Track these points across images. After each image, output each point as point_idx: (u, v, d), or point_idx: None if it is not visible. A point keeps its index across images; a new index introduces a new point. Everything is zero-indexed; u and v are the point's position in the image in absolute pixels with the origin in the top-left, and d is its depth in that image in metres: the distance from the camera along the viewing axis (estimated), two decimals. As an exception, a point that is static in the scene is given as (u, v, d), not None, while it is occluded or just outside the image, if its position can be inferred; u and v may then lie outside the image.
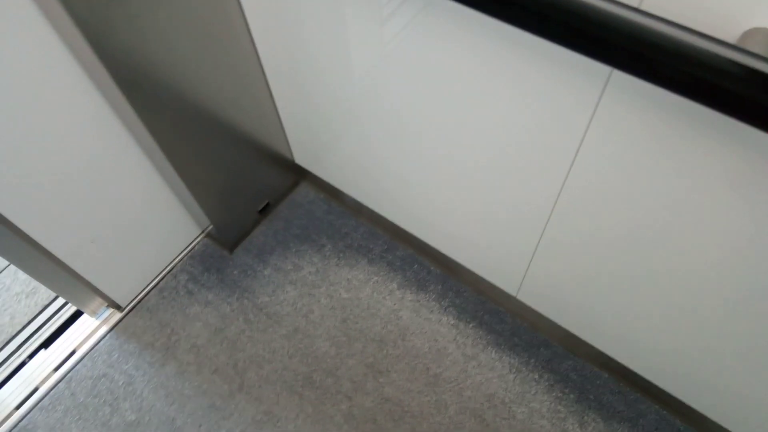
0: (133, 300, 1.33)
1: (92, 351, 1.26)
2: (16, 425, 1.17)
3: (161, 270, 1.37)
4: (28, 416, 1.18)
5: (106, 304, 1.29)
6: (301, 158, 1.44)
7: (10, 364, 1.25)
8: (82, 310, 1.29)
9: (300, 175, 1.51)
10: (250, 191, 1.39)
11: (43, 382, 1.23)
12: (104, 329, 1.29)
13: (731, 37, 0.53)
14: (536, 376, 1.17)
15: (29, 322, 1.32)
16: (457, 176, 1.00)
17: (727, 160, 0.62)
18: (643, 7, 0.56)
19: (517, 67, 0.71)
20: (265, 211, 1.46)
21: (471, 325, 1.25)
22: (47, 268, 1.09)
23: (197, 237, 1.43)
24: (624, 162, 0.72)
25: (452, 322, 1.25)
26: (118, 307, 1.31)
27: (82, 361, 1.25)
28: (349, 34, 0.89)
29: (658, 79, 0.54)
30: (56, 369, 1.24)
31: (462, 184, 1.01)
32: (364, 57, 0.91)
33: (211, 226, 1.39)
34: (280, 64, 1.11)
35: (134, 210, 1.19)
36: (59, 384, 1.22)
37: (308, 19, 0.92)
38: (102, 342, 1.28)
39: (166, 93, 0.99)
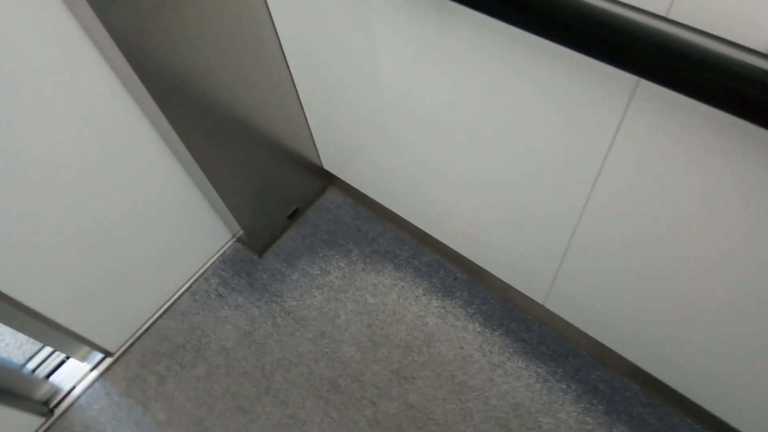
0: (165, 304, 1.37)
1: (127, 352, 1.30)
2: (54, 423, 1.22)
3: (193, 273, 1.41)
4: (65, 414, 1.23)
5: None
6: (329, 164, 1.45)
7: (49, 363, 1.29)
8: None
9: (328, 180, 1.53)
10: (279, 197, 1.41)
11: (79, 381, 1.27)
12: (140, 331, 1.33)
13: (760, 44, 0.51)
14: (564, 386, 1.15)
15: (68, 323, 1.37)
16: (485, 183, 1.00)
17: (756, 169, 0.60)
18: (671, 16, 0.55)
19: (547, 74, 0.70)
20: (293, 216, 1.48)
21: (497, 333, 1.23)
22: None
23: (228, 241, 1.46)
24: (652, 171, 0.70)
25: (478, 329, 1.25)
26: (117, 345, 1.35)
27: (117, 362, 1.29)
28: (378, 42, 0.89)
29: (684, 88, 0.53)
30: (93, 369, 1.28)
31: (489, 190, 1.00)
32: (392, 64, 0.92)
33: (241, 231, 1.42)
34: (308, 71, 1.13)
35: (167, 215, 1.23)
36: (95, 383, 1.27)
37: (337, 27, 0.93)
38: (136, 343, 1.31)
39: (198, 101, 1.02)
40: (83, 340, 1.19)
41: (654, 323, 0.94)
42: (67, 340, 1.18)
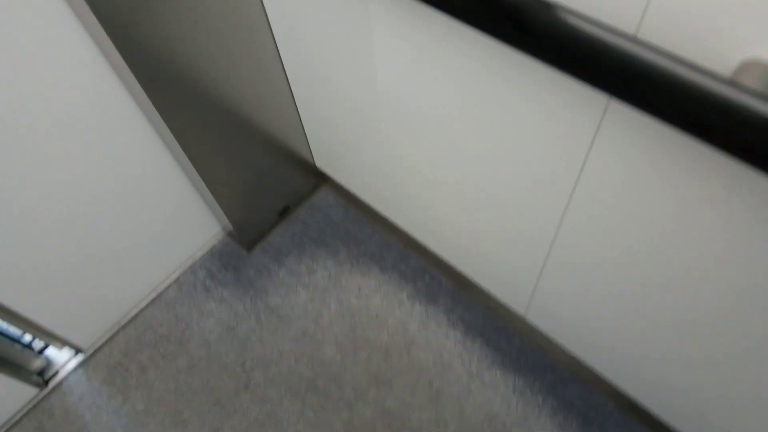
0: (151, 293, 1.38)
1: (111, 340, 1.32)
2: (35, 406, 1.23)
3: (181, 265, 1.42)
4: (47, 398, 1.24)
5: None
6: (321, 163, 1.45)
7: (34, 347, 1.31)
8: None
9: (320, 179, 1.53)
10: (271, 193, 1.41)
11: (63, 366, 1.29)
12: (125, 319, 1.34)
13: (728, 66, 0.50)
14: (540, 400, 1.15)
15: (55, 307, 1.38)
16: (469, 192, 0.99)
17: (718, 190, 0.59)
18: (640, 35, 0.54)
19: (530, 87, 0.70)
20: (284, 213, 1.48)
21: (478, 342, 1.23)
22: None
23: (218, 235, 1.47)
24: (625, 187, 0.70)
25: (459, 337, 1.24)
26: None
27: (101, 349, 1.31)
28: (373, 46, 0.89)
29: (648, 108, 0.52)
30: (76, 353, 1.30)
31: (473, 199, 1.00)
32: (386, 69, 0.91)
33: (231, 225, 1.42)
34: (301, 69, 1.12)
35: (156, 207, 1.23)
36: (77, 369, 1.28)
37: (332, 26, 0.93)
38: (121, 332, 1.33)
39: (188, 92, 1.02)
40: (54, 336, 1.20)
41: (631, 342, 0.94)
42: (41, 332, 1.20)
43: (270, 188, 1.40)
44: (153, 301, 1.37)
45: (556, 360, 1.19)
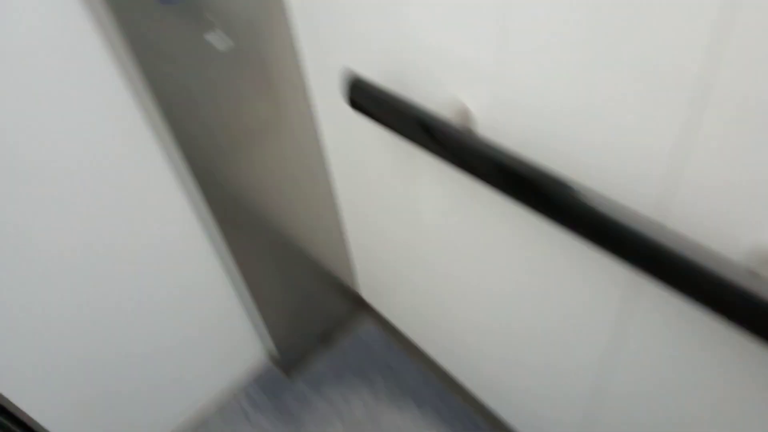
0: (191, 416, 1.40)
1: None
2: None
3: (223, 388, 1.45)
4: None
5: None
6: (367, 294, 1.50)
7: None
8: None
9: (364, 309, 1.57)
10: (315, 320, 1.46)
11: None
12: (162, 441, 1.36)
13: (740, 251, 0.53)
14: None
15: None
16: (508, 337, 1.01)
17: (745, 367, 0.59)
18: (658, 213, 0.58)
19: (561, 252, 0.75)
20: (326, 340, 1.52)
21: (517, 496, 1.17)
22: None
23: (261, 358, 1.50)
24: (659, 357, 0.71)
25: (497, 488, 1.18)
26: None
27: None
28: (422, 193, 0.97)
29: (672, 287, 0.55)
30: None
31: (513, 346, 1.01)
32: (429, 217, 0.99)
33: (274, 347, 1.46)
34: (356, 216, 1.23)
35: (207, 327, 1.30)
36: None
37: (383, 178, 1.03)
38: (158, 454, 1.34)
39: (253, 225, 1.14)
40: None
41: None
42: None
43: (315, 315, 1.46)
44: (196, 429, 1.39)
45: None
